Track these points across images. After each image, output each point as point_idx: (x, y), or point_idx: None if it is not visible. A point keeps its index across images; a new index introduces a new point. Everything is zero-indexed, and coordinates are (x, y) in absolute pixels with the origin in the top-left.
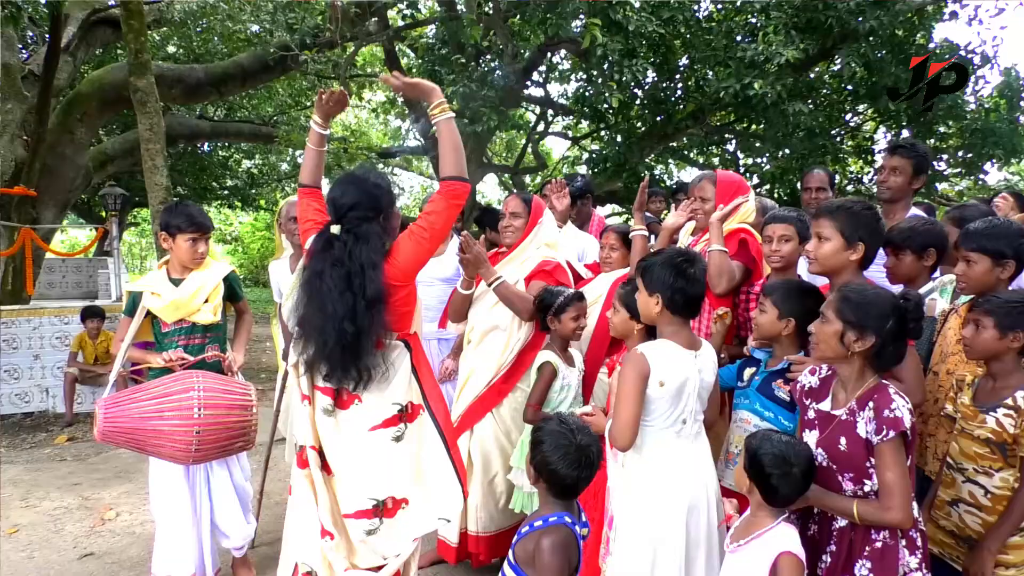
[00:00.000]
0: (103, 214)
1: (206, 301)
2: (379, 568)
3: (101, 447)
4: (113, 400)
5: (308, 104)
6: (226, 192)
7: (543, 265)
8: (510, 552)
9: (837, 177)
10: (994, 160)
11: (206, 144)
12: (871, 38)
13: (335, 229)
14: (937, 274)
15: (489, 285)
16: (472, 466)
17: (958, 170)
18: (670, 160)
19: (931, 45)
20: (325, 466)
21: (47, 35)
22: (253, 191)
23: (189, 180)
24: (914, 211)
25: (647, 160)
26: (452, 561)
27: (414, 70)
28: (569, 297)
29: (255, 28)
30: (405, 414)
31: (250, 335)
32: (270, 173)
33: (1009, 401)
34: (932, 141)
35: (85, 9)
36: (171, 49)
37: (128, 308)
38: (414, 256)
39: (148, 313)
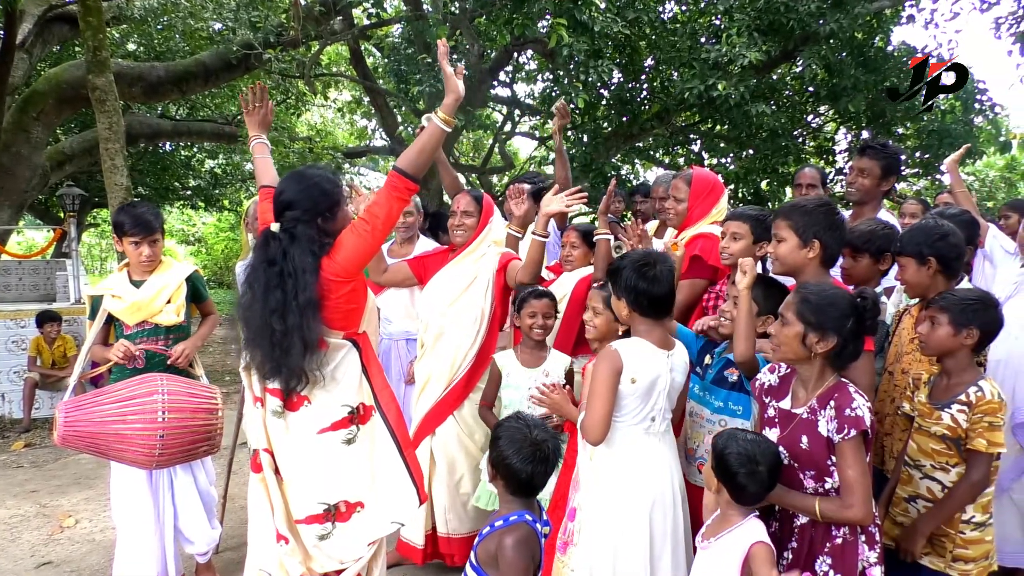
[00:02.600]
0: (61, 215)
1: (168, 302)
2: (338, 573)
3: (59, 453)
4: (74, 404)
5: (274, 104)
6: (189, 192)
7: (509, 255)
8: (472, 554)
9: None
10: None
11: (168, 143)
12: (831, 40)
13: (274, 227)
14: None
15: (534, 233)
16: (436, 468)
17: (915, 170)
18: (636, 160)
19: (889, 48)
20: (278, 469)
21: (1, 31)
22: (216, 191)
23: (150, 180)
24: (883, 213)
25: (613, 160)
26: (419, 562)
27: (380, 69)
28: (526, 294)
29: (217, 26)
30: (356, 416)
31: (211, 333)
32: (234, 173)
33: (962, 397)
34: (890, 142)
35: (41, 5)
36: (131, 46)
37: (91, 312)
38: (355, 251)
39: (110, 317)
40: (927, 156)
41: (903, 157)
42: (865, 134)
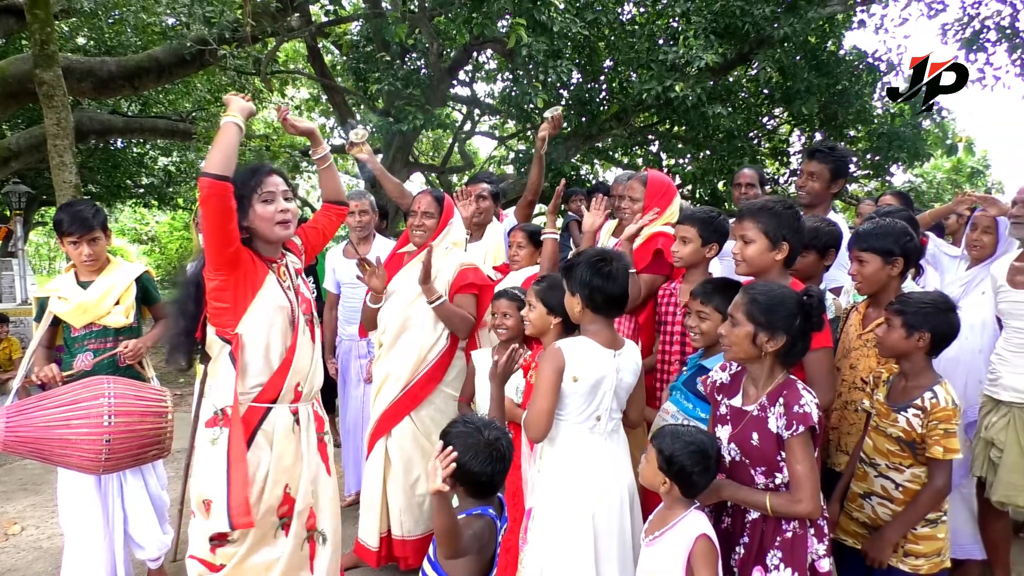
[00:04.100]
0: (7, 213)
1: (117, 303)
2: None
3: (4, 458)
4: (17, 408)
5: None
6: (141, 191)
7: (462, 278)
8: (430, 549)
9: None
10: (899, 163)
11: (119, 140)
12: (785, 44)
13: None
14: (846, 278)
15: (431, 303)
16: (391, 469)
17: (866, 172)
18: (595, 160)
19: (841, 52)
20: None
21: None
22: (170, 189)
23: (101, 178)
24: (832, 215)
25: (573, 160)
26: (374, 564)
27: (338, 67)
28: (493, 295)
29: (171, 20)
30: (221, 419)
31: (164, 334)
32: (188, 171)
33: (918, 401)
34: (842, 144)
35: None
36: (81, 40)
37: (38, 314)
38: (206, 251)
39: (57, 319)
40: (877, 158)
41: (854, 159)
42: (818, 136)
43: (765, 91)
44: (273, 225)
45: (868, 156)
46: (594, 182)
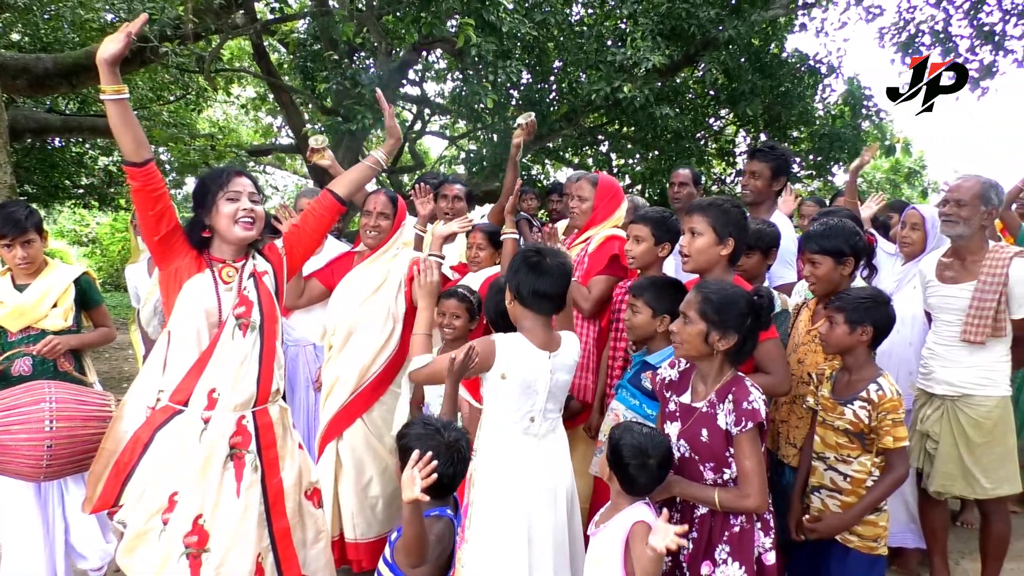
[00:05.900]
0: None
1: (55, 306)
2: None
3: None
4: None
5: (171, 99)
6: (81, 191)
7: (412, 270)
8: (387, 550)
9: (703, 178)
10: (840, 163)
11: (57, 139)
12: (730, 46)
13: None
14: (789, 273)
15: (430, 255)
16: (343, 471)
17: (809, 172)
18: (546, 160)
19: (784, 55)
20: None
21: None
22: (111, 190)
23: (38, 178)
24: (778, 213)
25: (524, 160)
26: None
27: (285, 66)
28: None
29: (110, 17)
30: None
31: (100, 342)
32: None
33: (864, 394)
34: (784, 145)
35: None
36: (15, 36)
37: None
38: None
39: None
40: (819, 159)
41: (797, 159)
42: (763, 136)
43: (711, 92)
44: (233, 223)
45: (811, 156)
46: (546, 182)
